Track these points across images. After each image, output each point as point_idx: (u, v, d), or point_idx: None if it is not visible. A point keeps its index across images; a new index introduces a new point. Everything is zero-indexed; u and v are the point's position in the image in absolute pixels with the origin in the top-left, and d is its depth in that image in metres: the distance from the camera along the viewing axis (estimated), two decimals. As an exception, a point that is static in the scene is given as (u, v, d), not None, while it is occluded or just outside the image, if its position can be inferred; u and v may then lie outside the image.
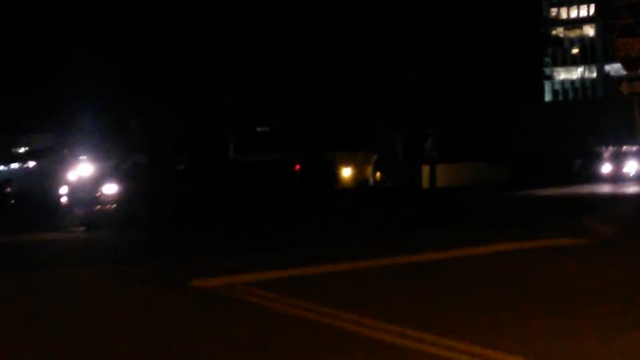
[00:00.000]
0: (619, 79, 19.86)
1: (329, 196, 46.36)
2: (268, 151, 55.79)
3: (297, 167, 31.66)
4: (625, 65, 18.56)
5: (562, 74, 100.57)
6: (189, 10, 52.50)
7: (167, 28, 51.77)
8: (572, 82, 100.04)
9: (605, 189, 38.76)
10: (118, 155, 39.13)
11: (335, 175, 57.15)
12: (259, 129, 60.18)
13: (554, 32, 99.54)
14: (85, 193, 25.52)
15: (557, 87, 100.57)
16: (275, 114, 57.45)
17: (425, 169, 58.30)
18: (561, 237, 16.30)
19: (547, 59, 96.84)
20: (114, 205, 24.48)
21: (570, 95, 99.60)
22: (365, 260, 13.66)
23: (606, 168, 52.40)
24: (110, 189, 25.00)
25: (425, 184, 57.90)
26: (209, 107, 52.60)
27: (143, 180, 26.19)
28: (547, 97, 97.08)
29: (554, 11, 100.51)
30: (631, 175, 50.16)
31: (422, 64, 55.01)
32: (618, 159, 53.82)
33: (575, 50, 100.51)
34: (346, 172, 61.22)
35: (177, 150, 42.12)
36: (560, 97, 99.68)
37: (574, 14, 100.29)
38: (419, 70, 55.13)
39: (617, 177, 48.92)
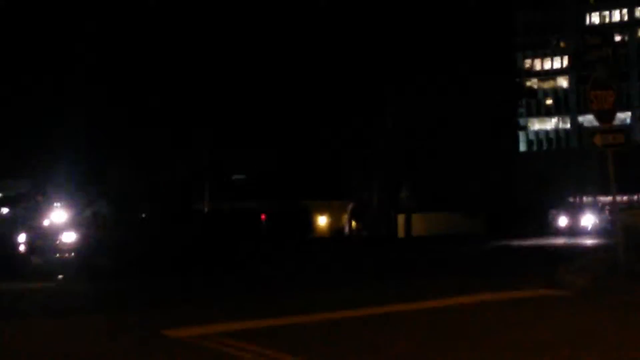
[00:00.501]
0: (592, 131, 20.01)
1: (302, 244, 46.37)
2: (244, 199, 55.82)
3: (263, 216, 31.50)
4: (598, 118, 18.71)
5: (537, 125, 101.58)
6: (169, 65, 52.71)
7: (145, 82, 51.94)
8: (547, 132, 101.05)
9: (582, 240, 38.74)
10: (81, 204, 38.98)
11: (309, 224, 57.18)
12: (234, 176, 60.10)
13: (528, 83, 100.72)
14: (45, 241, 25.20)
15: (532, 137, 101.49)
16: (251, 162, 57.47)
17: (401, 218, 58.40)
18: (539, 288, 16.34)
19: (522, 110, 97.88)
20: (72, 254, 24.12)
21: (545, 145, 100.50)
22: (341, 310, 13.54)
23: (562, 221, 52.45)
24: (69, 237, 24.67)
25: (401, 233, 57.96)
26: (185, 156, 52.51)
27: (103, 228, 25.94)
28: (522, 147, 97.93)
29: (528, 62, 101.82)
30: (588, 228, 50.13)
31: (399, 116, 55.41)
32: (576, 212, 53.93)
33: (549, 101, 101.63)
34: (322, 221, 61.30)
35: (141, 199, 41.89)
36: (535, 147, 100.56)
37: (547, 65, 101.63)
38: (395, 122, 55.52)
39: (574, 231, 48.80)
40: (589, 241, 37.50)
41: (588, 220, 51.38)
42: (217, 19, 53.58)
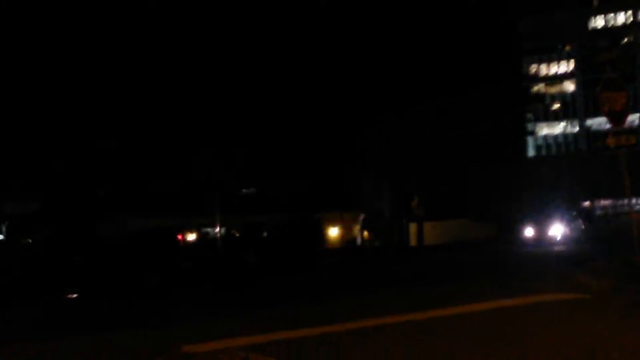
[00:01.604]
0: (602, 133, 19.90)
1: (314, 256, 46.28)
2: (253, 213, 55.77)
3: (180, 236, 29.64)
4: (611, 119, 18.62)
5: (545, 129, 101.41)
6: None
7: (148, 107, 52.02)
8: (555, 137, 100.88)
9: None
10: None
11: (321, 235, 57.13)
12: (244, 190, 60.07)
13: (535, 89, 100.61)
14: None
15: (540, 142, 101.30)
16: (261, 175, 57.50)
17: (413, 227, 58.24)
18: (559, 291, 16.23)
19: (529, 115, 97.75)
20: None
21: (553, 150, 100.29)
22: (358, 320, 13.43)
23: (529, 232, 51.58)
24: None
25: (413, 241, 57.78)
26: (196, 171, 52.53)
27: None
28: (531, 152, 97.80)
29: (533, 68, 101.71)
30: (557, 239, 49.23)
31: (409, 125, 55.43)
32: (543, 220, 52.92)
33: (556, 106, 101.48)
34: (333, 232, 61.20)
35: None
36: (544, 152, 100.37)
37: (554, 70, 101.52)
38: (405, 132, 55.55)
39: (541, 241, 48.03)
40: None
41: (556, 230, 50.28)
42: (241, 35, 53.81)
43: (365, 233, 60.10)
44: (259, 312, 16.63)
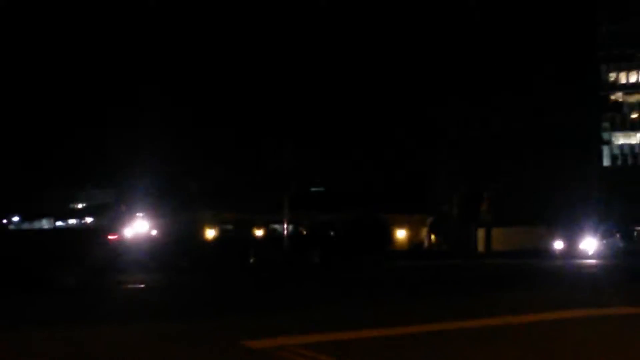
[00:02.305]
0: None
1: (380, 256, 46.18)
2: (322, 211, 55.95)
3: (111, 236, 28.25)
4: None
5: (621, 139, 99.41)
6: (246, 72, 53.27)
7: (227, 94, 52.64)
8: (632, 147, 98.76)
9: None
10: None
11: (387, 236, 56.95)
12: (313, 189, 60.31)
13: (612, 97, 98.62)
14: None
15: (616, 151, 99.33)
16: (332, 173, 57.57)
17: (481, 232, 57.71)
18: (622, 305, 16.07)
19: (606, 124, 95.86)
20: None
21: (630, 160, 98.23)
22: (427, 324, 13.43)
23: (558, 245, 49.94)
24: None
25: (481, 247, 57.26)
26: (267, 168, 52.87)
27: None
28: (606, 162, 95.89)
29: (612, 76, 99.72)
30: (589, 253, 47.93)
31: (484, 123, 54.84)
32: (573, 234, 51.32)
33: (634, 115, 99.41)
34: (401, 234, 61.01)
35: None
36: (619, 162, 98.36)
37: (633, 78, 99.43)
38: (481, 128, 54.92)
39: (569, 254, 46.78)
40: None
41: (588, 243, 48.95)
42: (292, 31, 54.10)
43: (433, 237, 59.81)
44: (323, 310, 16.70)
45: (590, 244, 49.07)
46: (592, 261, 40.39)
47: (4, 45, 49.78)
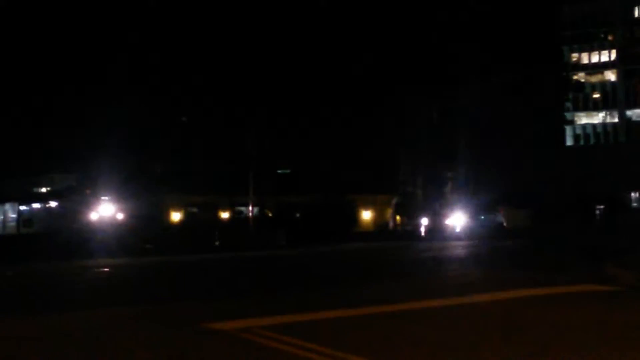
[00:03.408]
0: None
1: (344, 238, 46.34)
2: (288, 193, 55.86)
3: None
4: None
5: (584, 119, 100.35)
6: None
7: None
8: (594, 126, 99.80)
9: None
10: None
11: (354, 218, 57.08)
12: (279, 170, 60.18)
13: (575, 77, 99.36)
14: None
15: (579, 131, 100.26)
16: (295, 155, 57.52)
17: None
18: (589, 283, 16.27)
19: (569, 104, 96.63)
20: None
21: (592, 139, 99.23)
22: (377, 305, 13.52)
23: (424, 222, 49.40)
24: None
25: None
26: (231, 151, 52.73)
27: None
28: (569, 142, 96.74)
29: (575, 57, 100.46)
30: (456, 230, 47.42)
31: (446, 107, 55.18)
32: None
33: (596, 95, 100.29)
34: (366, 215, 61.11)
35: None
36: (582, 142, 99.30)
37: (595, 59, 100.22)
38: (442, 113, 55.27)
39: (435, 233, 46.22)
40: None
41: (455, 220, 48.07)
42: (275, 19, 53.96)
43: (398, 217, 60.01)
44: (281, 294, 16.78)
45: (458, 221, 48.09)
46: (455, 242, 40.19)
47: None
